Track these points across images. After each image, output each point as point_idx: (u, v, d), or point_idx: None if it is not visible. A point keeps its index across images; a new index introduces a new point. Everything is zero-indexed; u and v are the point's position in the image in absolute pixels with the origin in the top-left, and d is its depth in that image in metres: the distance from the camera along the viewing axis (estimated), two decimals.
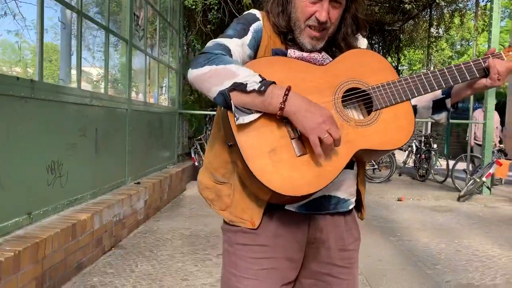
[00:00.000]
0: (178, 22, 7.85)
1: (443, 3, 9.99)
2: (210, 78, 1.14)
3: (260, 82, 1.11)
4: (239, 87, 1.11)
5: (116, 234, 3.97)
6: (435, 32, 11.32)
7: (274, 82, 1.13)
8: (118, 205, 4.03)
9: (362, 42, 1.45)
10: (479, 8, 8.32)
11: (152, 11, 6.76)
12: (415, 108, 1.44)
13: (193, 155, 8.08)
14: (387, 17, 11.79)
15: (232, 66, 1.14)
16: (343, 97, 1.25)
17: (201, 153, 8.01)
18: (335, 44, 1.35)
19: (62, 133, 3.43)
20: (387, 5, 10.41)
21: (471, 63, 1.34)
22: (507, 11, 21.07)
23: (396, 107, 1.28)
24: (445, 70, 1.33)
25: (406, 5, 7.96)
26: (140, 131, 5.48)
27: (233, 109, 1.13)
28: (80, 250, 3.24)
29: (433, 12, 10.68)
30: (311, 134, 1.10)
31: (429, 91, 1.31)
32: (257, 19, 1.32)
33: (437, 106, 1.44)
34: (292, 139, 1.17)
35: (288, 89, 1.12)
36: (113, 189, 4.48)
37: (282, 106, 1.11)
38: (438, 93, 1.43)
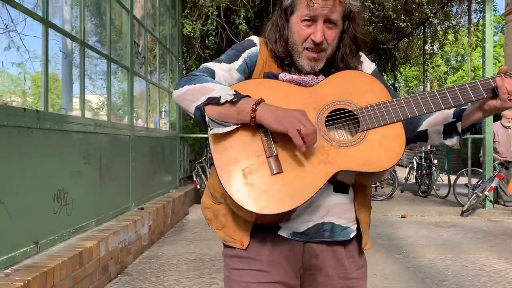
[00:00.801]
0: (177, 48, 7.99)
1: (436, 21, 10.17)
2: (188, 96, 1.20)
3: (233, 94, 1.15)
4: (214, 100, 1.15)
5: (121, 261, 3.97)
6: (429, 49, 11.48)
7: (248, 96, 1.16)
8: (123, 231, 4.04)
9: (369, 65, 1.43)
10: (471, 25, 8.47)
11: (152, 39, 6.89)
12: (425, 132, 1.39)
13: (195, 178, 8.09)
14: (382, 36, 11.98)
15: (209, 84, 1.19)
16: (329, 118, 1.22)
17: (203, 176, 8.03)
18: (334, 65, 1.35)
19: (67, 161, 3.47)
20: (381, 24, 10.60)
21: (478, 83, 1.25)
22: (499, 26, 21.41)
23: (385, 128, 1.22)
24: (446, 91, 1.25)
25: (400, 23, 8.08)
26: (142, 156, 5.53)
27: (207, 120, 1.17)
28: (87, 277, 3.24)
29: (426, 30, 10.87)
30: (288, 127, 1.09)
31: (425, 112, 1.24)
32: (254, 45, 1.35)
33: (448, 130, 1.35)
34: (268, 157, 1.15)
35: (261, 99, 1.14)
36: (117, 215, 4.49)
37: (255, 108, 1.12)
38: (449, 117, 1.35)
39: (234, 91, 1.17)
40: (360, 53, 1.40)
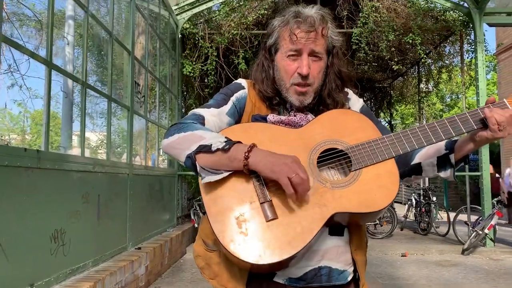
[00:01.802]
0: (177, 87, 8.12)
1: (429, 61, 10.41)
2: (178, 144, 1.18)
3: (225, 141, 1.13)
4: (205, 148, 1.13)
5: None
6: (424, 88, 11.68)
7: (239, 142, 1.14)
8: (120, 272, 3.97)
9: (356, 101, 1.44)
10: (464, 64, 8.68)
11: (152, 78, 7.02)
12: (419, 165, 1.38)
13: (192, 217, 8.02)
14: (377, 75, 12.24)
15: (199, 131, 1.18)
16: (320, 159, 1.21)
17: (201, 214, 7.96)
18: (321, 102, 1.36)
19: (66, 200, 3.46)
20: (376, 64, 10.84)
21: (467, 114, 1.24)
22: (491, 65, 21.90)
23: (378, 166, 1.20)
24: (436, 125, 1.25)
25: (394, 66, 8.28)
26: (140, 195, 5.50)
27: (198, 169, 1.14)
28: None
29: (421, 69, 11.11)
30: (280, 175, 1.07)
31: (416, 147, 1.23)
32: (242, 88, 1.36)
33: (442, 162, 1.34)
34: (262, 203, 1.12)
35: (253, 144, 1.13)
36: (114, 255, 4.43)
37: (247, 155, 1.10)
38: (441, 149, 1.34)
39: (225, 137, 1.15)
40: (347, 89, 1.41)
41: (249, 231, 1.10)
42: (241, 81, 1.40)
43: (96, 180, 4.07)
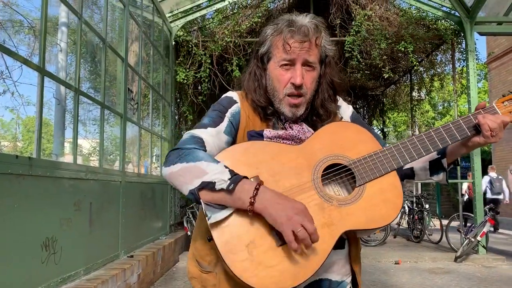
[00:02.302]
0: (170, 94, 8.11)
1: (421, 69, 10.50)
2: (181, 176, 1.13)
3: (229, 179, 1.09)
4: (208, 186, 1.09)
5: None
6: (417, 96, 11.76)
7: (244, 177, 1.10)
8: (112, 281, 3.93)
9: (346, 109, 1.44)
10: (456, 72, 8.76)
11: (145, 85, 7.01)
12: (412, 170, 1.40)
13: (185, 225, 7.98)
14: (370, 83, 12.31)
15: (202, 163, 1.12)
16: (324, 174, 1.20)
17: (194, 222, 7.92)
18: (314, 112, 1.35)
19: (57, 208, 3.43)
20: (369, 72, 10.91)
21: (461, 121, 1.27)
22: (482, 73, 22.13)
23: (382, 179, 1.21)
24: (432, 134, 1.26)
25: (385, 75, 8.35)
26: (133, 202, 5.47)
27: (203, 208, 1.11)
28: None
29: (413, 77, 11.20)
30: (284, 229, 1.05)
31: (416, 158, 1.25)
32: (234, 102, 1.33)
33: (434, 167, 1.37)
34: (272, 229, 1.10)
35: (259, 183, 1.09)
36: (106, 263, 4.38)
37: (252, 201, 1.07)
38: (433, 154, 1.35)
39: (229, 171, 1.11)
40: (337, 96, 1.41)
41: (261, 258, 1.08)
42: (232, 94, 1.37)
43: (88, 188, 4.03)
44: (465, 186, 12.79)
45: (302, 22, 1.26)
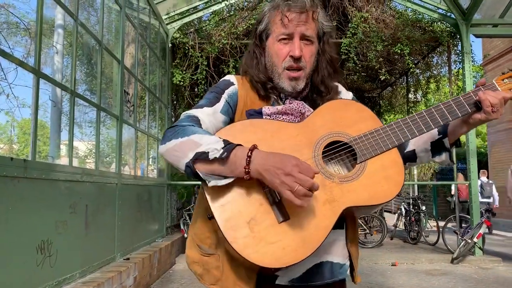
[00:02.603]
0: (167, 96, 8.10)
1: (418, 71, 10.53)
2: (176, 151, 1.13)
3: (222, 148, 1.08)
4: (201, 156, 1.08)
5: None
6: (413, 97, 11.80)
7: (237, 145, 1.09)
8: (108, 283, 3.91)
9: (346, 94, 1.44)
10: (452, 74, 8.79)
11: (142, 87, 6.99)
12: (413, 152, 1.38)
13: (182, 227, 7.96)
14: (366, 85, 12.33)
15: (195, 136, 1.12)
16: (324, 152, 1.19)
17: (189, 222, 7.91)
18: (314, 90, 1.36)
19: (53, 210, 3.41)
20: (365, 74, 10.93)
21: (461, 98, 1.26)
22: (479, 75, 22.22)
23: (383, 156, 1.20)
24: (433, 110, 1.26)
25: (382, 76, 8.37)
26: (129, 205, 5.45)
27: (202, 177, 1.10)
28: None
29: (409, 79, 11.23)
30: (282, 191, 1.03)
31: (417, 134, 1.24)
32: (231, 84, 1.33)
33: (436, 147, 1.35)
34: (272, 204, 1.09)
35: (251, 149, 1.07)
36: (102, 266, 4.36)
37: (247, 169, 1.06)
38: (434, 134, 1.34)
39: (223, 141, 1.10)
40: (336, 83, 1.41)
41: (262, 234, 1.07)
42: (230, 77, 1.38)
43: (84, 190, 4.02)
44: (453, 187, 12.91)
45: None
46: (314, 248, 1.07)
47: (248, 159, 1.06)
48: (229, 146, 1.09)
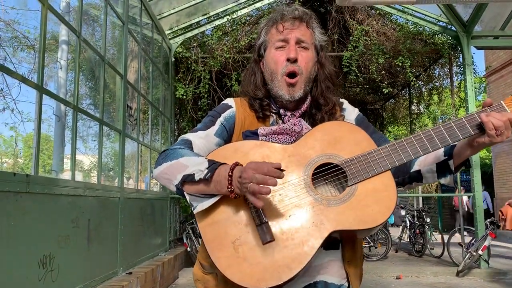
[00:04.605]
0: (170, 110, 8.15)
1: (420, 83, 10.55)
2: (166, 174, 1.19)
3: (206, 168, 1.11)
4: (188, 178, 1.13)
5: None
6: (416, 109, 11.80)
7: (221, 164, 1.12)
8: None
9: (352, 111, 1.43)
10: (454, 86, 8.80)
11: (145, 101, 7.05)
12: (419, 173, 1.35)
13: (185, 241, 7.92)
14: (369, 97, 12.36)
15: (183, 158, 1.17)
16: (315, 174, 1.18)
17: (193, 238, 7.87)
18: (314, 104, 1.37)
19: (55, 225, 3.42)
20: (367, 86, 10.96)
21: (464, 120, 1.19)
22: (482, 86, 22.19)
23: (374, 179, 1.17)
24: (432, 133, 1.21)
25: (384, 89, 8.39)
26: (132, 218, 5.45)
27: (188, 200, 1.15)
28: None
29: (412, 91, 11.25)
30: (246, 196, 1.06)
31: (413, 158, 1.20)
32: (229, 107, 1.37)
33: (442, 169, 1.31)
34: (258, 225, 1.10)
35: (232, 168, 1.09)
36: (104, 280, 4.35)
37: (230, 188, 1.08)
38: (440, 155, 1.31)
39: (208, 161, 1.13)
40: (342, 99, 1.43)
41: (246, 255, 1.08)
42: (228, 100, 1.42)
43: (87, 204, 4.03)
44: (465, 198, 12.87)
45: (293, 8, 1.35)
46: (298, 270, 1.06)
47: (229, 178, 1.08)
48: (213, 166, 1.12)
